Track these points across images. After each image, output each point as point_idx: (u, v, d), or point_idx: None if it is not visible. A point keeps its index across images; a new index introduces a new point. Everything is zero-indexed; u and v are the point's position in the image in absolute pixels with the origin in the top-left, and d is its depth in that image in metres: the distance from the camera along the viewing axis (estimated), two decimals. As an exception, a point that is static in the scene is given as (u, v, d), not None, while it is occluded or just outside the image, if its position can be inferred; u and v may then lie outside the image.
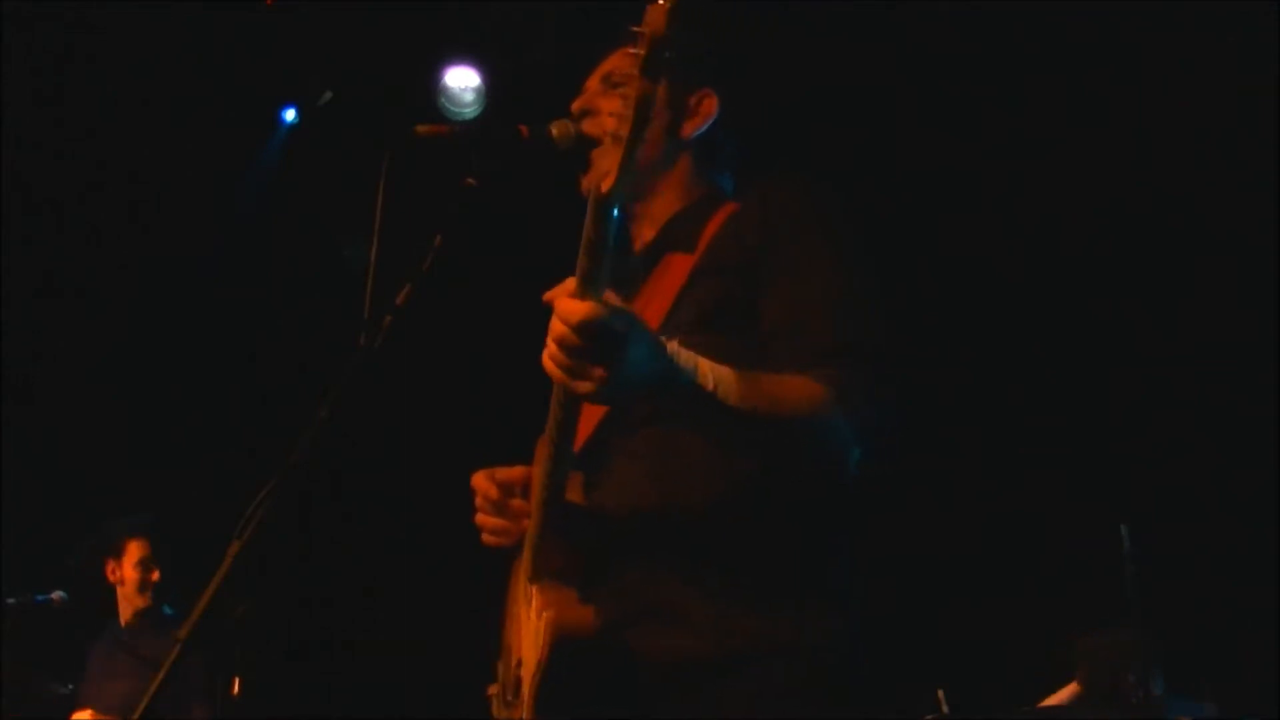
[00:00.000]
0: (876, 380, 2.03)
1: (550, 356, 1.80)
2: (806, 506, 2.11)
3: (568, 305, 1.78)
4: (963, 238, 5.93)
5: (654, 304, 2.23)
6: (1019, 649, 5.61)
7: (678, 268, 2.26)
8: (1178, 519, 5.45)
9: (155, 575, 5.27)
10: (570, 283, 1.80)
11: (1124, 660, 4.85)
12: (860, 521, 2.20)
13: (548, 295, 1.83)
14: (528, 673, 2.06)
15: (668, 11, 1.67)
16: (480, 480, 2.35)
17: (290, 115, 6.67)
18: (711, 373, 1.90)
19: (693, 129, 2.35)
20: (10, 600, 5.15)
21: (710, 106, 2.35)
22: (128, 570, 5.28)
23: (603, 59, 2.42)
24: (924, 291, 5.70)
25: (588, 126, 2.34)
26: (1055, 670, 5.34)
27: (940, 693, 5.01)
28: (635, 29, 1.69)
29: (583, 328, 1.75)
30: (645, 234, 2.38)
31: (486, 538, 2.38)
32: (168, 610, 5.29)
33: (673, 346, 1.88)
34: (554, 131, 2.29)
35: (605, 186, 1.75)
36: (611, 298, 1.80)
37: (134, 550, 5.30)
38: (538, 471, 2.25)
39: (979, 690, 5.26)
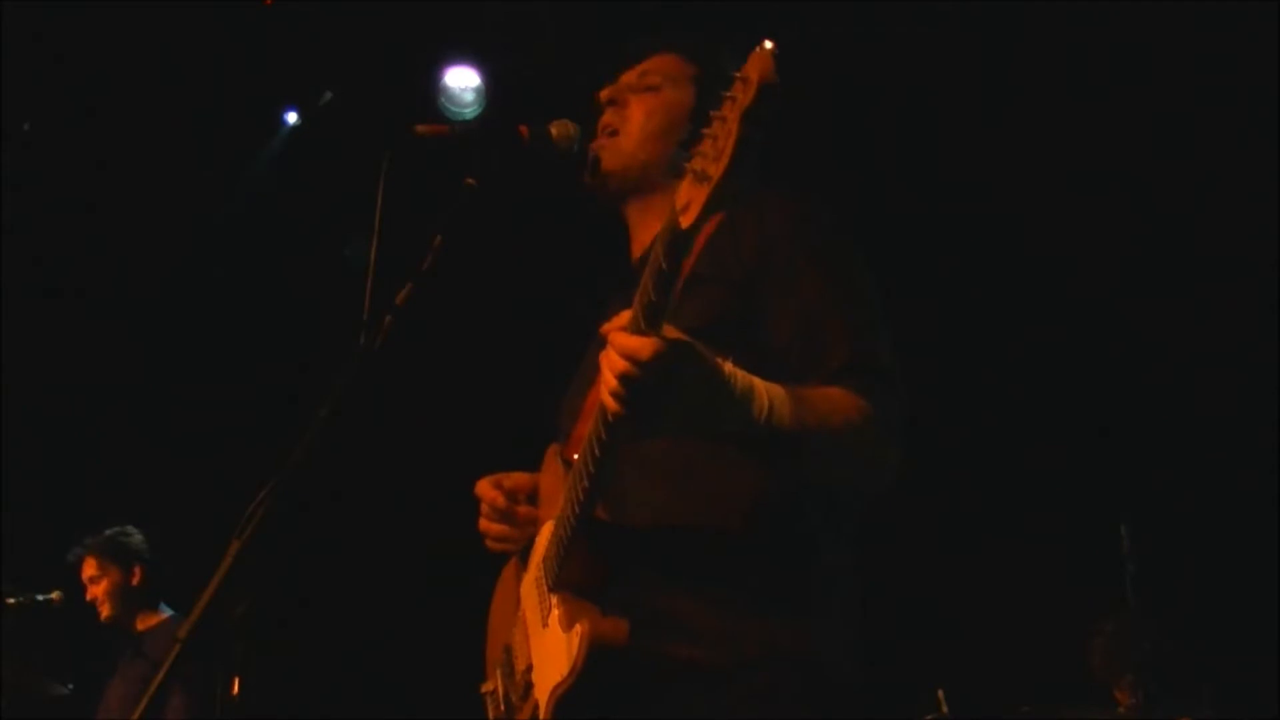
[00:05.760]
0: (893, 387, 2.06)
1: (613, 392, 1.79)
2: (813, 516, 2.12)
3: (632, 342, 1.76)
4: (962, 238, 5.93)
5: None
6: (1019, 649, 5.60)
7: None
8: (1178, 519, 5.44)
9: (95, 590, 5.18)
10: (625, 316, 1.80)
11: (1123, 660, 4.84)
12: (862, 526, 2.21)
13: (605, 328, 1.82)
14: (546, 680, 2.07)
15: (777, 57, 1.60)
16: (486, 488, 2.37)
17: (291, 117, 6.66)
18: (767, 394, 1.90)
19: None
20: (10, 600, 5.15)
21: None
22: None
23: (643, 56, 2.42)
24: (924, 292, 5.69)
25: (610, 116, 2.37)
26: (1055, 670, 5.34)
27: (940, 693, 5.00)
28: (736, 75, 1.63)
29: (652, 364, 1.75)
30: (643, 238, 2.38)
31: (491, 544, 2.39)
32: (167, 610, 5.24)
33: (728, 368, 1.87)
34: (554, 132, 2.30)
35: (685, 221, 1.71)
36: (670, 331, 1.79)
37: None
38: (549, 481, 2.25)
39: (979, 690, 5.26)
